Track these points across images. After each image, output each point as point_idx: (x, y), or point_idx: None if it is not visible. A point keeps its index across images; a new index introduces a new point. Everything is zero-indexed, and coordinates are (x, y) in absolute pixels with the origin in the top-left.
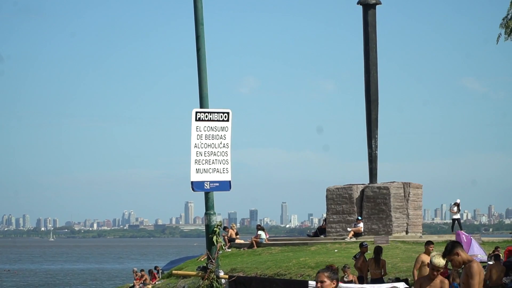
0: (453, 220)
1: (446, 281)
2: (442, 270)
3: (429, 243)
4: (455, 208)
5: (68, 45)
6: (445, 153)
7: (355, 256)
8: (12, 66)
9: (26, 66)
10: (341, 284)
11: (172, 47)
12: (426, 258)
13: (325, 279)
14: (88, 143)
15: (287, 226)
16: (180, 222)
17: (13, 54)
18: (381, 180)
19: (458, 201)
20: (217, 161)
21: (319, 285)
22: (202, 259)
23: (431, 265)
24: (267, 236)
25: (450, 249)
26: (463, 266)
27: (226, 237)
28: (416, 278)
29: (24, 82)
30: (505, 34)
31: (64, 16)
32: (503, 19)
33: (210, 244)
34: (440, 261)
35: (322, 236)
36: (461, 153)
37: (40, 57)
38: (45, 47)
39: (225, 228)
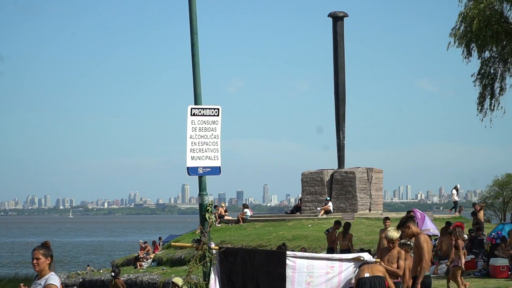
0: (454, 202)
1: (403, 252)
2: (396, 242)
3: (386, 219)
4: (455, 191)
5: (68, 45)
6: (402, 143)
7: (327, 230)
8: (13, 66)
9: (26, 65)
10: (296, 253)
11: (170, 50)
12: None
13: (40, 256)
14: (100, 135)
15: (268, 204)
16: (178, 202)
17: (13, 54)
18: (348, 166)
19: (457, 185)
20: (209, 149)
21: (35, 261)
22: (197, 232)
23: (387, 238)
24: (251, 213)
25: (403, 223)
26: (413, 237)
27: (216, 214)
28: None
29: (41, 77)
30: (454, 42)
31: (64, 16)
32: (452, 29)
33: (203, 220)
34: (393, 235)
35: (297, 213)
36: (416, 142)
37: (39, 57)
38: (45, 47)
39: (215, 206)
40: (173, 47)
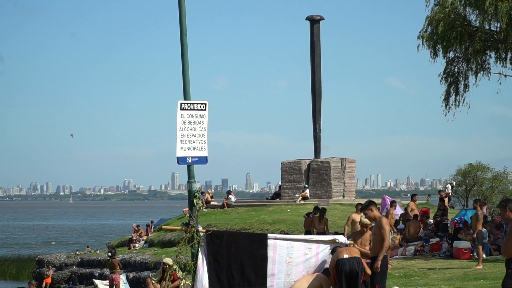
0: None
1: (368, 234)
2: (369, 227)
3: (358, 205)
4: (449, 186)
5: (68, 45)
6: (374, 135)
7: (307, 214)
8: (13, 65)
9: (26, 64)
10: (276, 235)
11: (162, 50)
12: (356, 217)
13: None
14: (97, 128)
15: (250, 191)
16: (168, 188)
17: (14, 53)
18: (323, 156)
19: (453, 183)
20: (196, 141)
21: None
22: (186, 215)
23: (361, 223)
24: (235, 199)
25: (366, 206)
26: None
27: (203, 200)
28: (346, 232)
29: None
30: (422, 44)
31: (64, 16)
32: (420, 32)
33: (191, 205)
34: (367, 221)
35: (277, 199)
36: (386, 135)
37: (39, 56)
38: (45, 46)
39: (202, 193)
40: (165, 47)
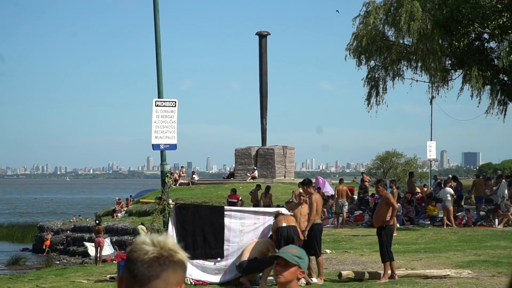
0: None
1: (305, 206)
2: (304, 198)
3: (300, 184)
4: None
5: (65, 46)
6: (309, 127)
7: (251, 192)
8: (13, 65)
9: (27, 64)
10: (231, 207)
11: (138, 59)
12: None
13: None
14: (88, 119)
15: (210, 172)
16: (144, 169)
17: (14, 53)
18: (269, 144)
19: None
20: (168, 131)
21: None
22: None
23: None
24: (198, 178)
25: (306, 183)
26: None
27: (172, 178)
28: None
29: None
30: (349, 54)
31: (64, 16)
32: (347, 45)
33: (163, 183)
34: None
35: (232, 178)
36: (320, 127)
37: (39, 56)
38: (41, 46)
39: (171, 173)
40: (141, 56)
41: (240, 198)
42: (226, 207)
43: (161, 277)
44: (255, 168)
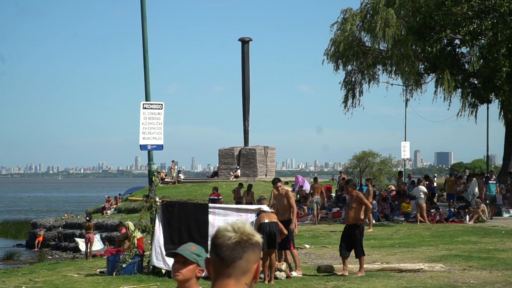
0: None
1: (291, 194)
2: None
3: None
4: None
5: (65, 47)
6: (289, 129)
7: (234, 190)
8: (13, 65)
9: (26, 64)
10: (215, 205)
11: (127, 64)
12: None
13: None
14: (79, 121)
15: (195, 171)
16: (132, 168)
17: (14, 53)
18: (251, 144)
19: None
20: (155, 132)
21: None
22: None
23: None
24: (184, 177)
25: (276, 181)
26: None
27: (159, 177)
28: (271, 202)
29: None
30: (327, 59)
31: (65, 16)
32: (325, 50)
33: (150, 181)
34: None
35: (216, 177)
36: (299, 128)
37: (39, 56)
38: (39, 47)
39: (158, 172)
40: (130, 60)
41: (220, 197)
42: (210, 205)
43: (243, 257)
44: (237, 167)
